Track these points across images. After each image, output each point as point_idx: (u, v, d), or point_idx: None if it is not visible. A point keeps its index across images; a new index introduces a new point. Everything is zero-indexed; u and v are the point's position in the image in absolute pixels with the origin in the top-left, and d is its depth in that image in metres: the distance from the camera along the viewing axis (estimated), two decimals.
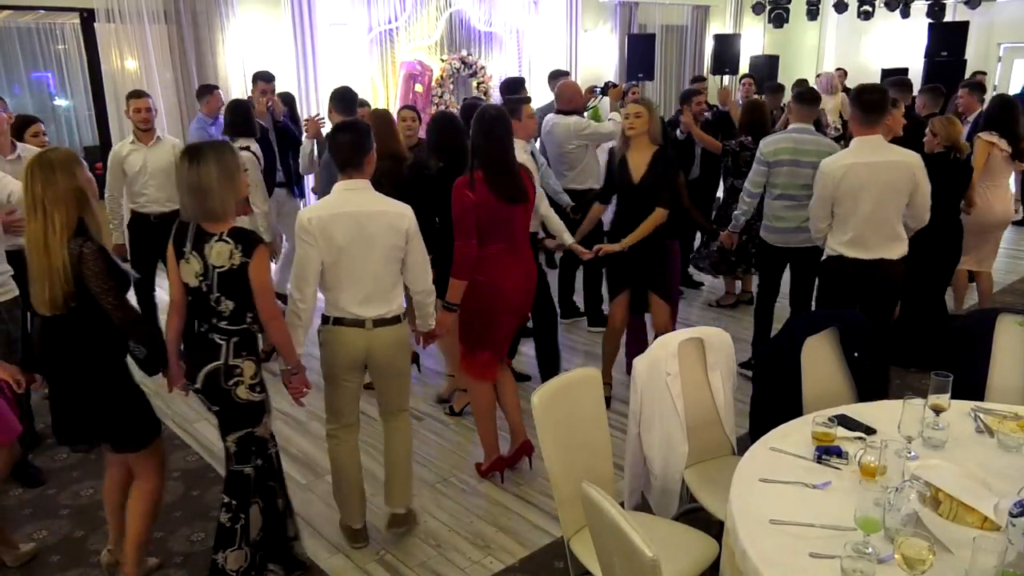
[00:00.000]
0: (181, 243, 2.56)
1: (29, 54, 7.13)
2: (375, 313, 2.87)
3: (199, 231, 2.54)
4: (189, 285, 2.57)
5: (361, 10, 8.35)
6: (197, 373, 2.60)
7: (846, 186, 3.52)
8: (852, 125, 3.60)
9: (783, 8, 11.76)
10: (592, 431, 2.55)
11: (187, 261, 2.54)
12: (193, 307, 2.61)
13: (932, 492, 1.99)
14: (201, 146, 2.57)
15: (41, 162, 2.46)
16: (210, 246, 2.51)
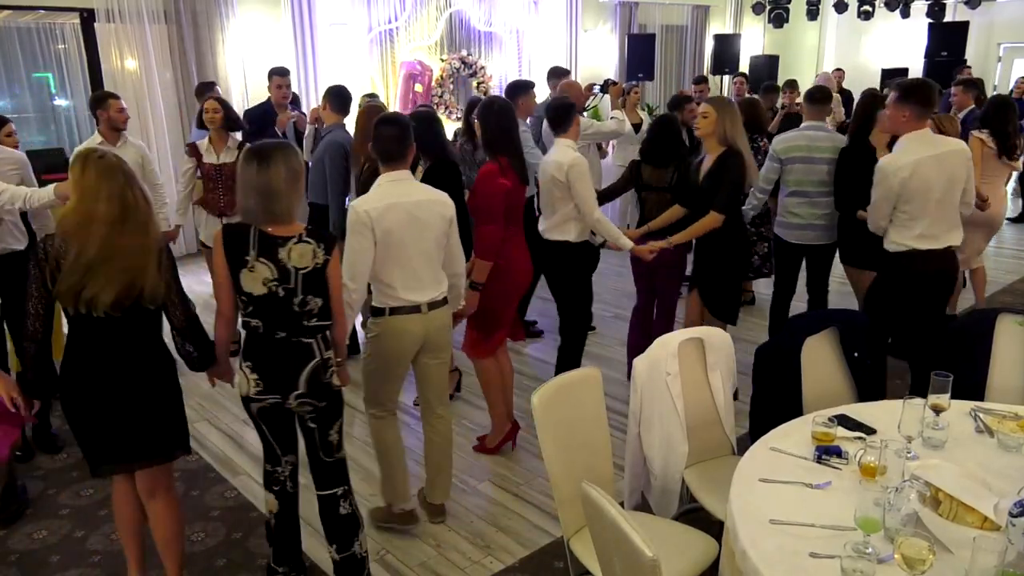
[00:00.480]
0: (241, 252, 2.40)
1: (29, 54, 7.13)
2: (428, 297, 2.99)
3: (264, 237, 2.41)
4: (253, 294, 2.42)
5: (361, 10, 8.35)
6: (296, 379, 2.50)
7: (916, 183, 3.45)
8: (904, 123, 3.52)
9: (783, 8, 11.77)
10: (592, 431, 2.55)
11: (251, 269, 2.40)
12: (266, 314, 2.45)
13: (932, 492, 1.99)
14: (268, 147, 2.45)
15: (121, 167, 2.41)
16: (287, 249, 2.42)
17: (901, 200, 3.52)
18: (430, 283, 3.01)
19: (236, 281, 2.43)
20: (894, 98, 3.52)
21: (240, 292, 2.44)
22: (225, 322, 2.55)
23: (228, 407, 4.41)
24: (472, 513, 3.36)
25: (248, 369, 2.51)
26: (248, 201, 2.43)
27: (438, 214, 2.96)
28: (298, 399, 2.53)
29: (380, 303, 2.96)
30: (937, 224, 3.54)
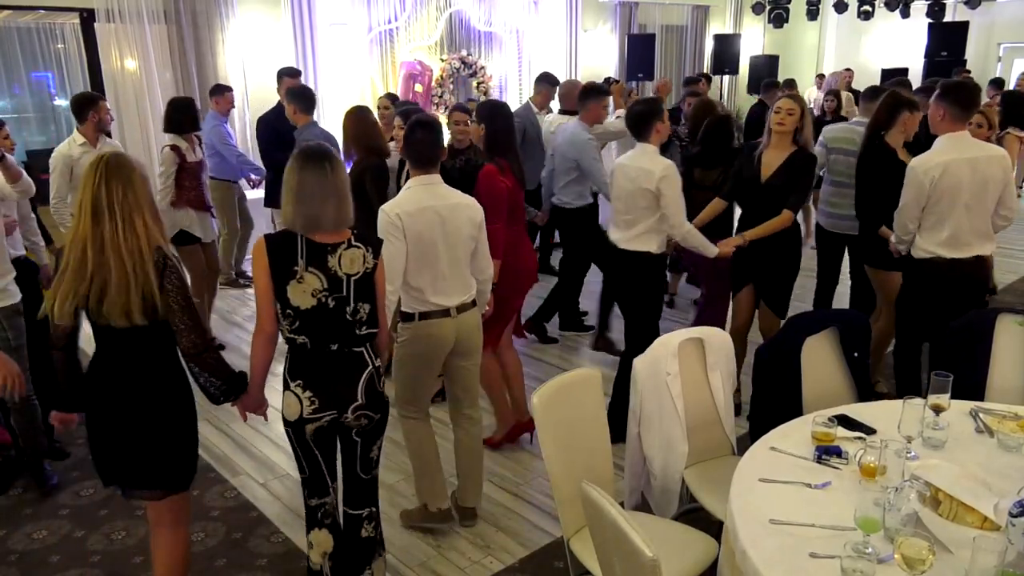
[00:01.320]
0: (288, 262, 2.27)
1: (29, 54, 7.13)
2: (458, 300, 2.99)
3: (312, 245, 2.30)
4: (300, 308, 2.29)
5: (361, 10, 8.35)
6: (354, 391, 2.39)
7: (945, 184, 3.42)
8: (940, 123, 3.50)
9: (783, 8, 11.78)
10: (592, 431, 2.55)
11: (299, 280, 2.27)
12: (314, 328, 2.33)
13: (932, 492, 1.99)
14: (321, 150, 2.35)
15: (116, 163, 2.21)
16: (336, 256, 2.31)
17: (930, 201, 3.48)
18: (459, 287, 2.99)
19: (281, 295, 2.29)
20: (935, 95, 3.51)
21: (285, 307, 2.30)
22: (266, 339, 2.36)
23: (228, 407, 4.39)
24: None
25: (299, 388, 2.36)
26: (294, 207, 2.28)
27: (467, 218, 2.94)
28: (356, 412, 2.40)
29: (410, 308, 2.93)
30: (965, 231, 3.47)
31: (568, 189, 4.96)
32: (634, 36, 10.62)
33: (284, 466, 3.77)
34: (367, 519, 2.61)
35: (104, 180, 2.17)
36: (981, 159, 3.42)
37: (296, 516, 3.34)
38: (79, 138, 4.48)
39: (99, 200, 2.17)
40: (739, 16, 12.26)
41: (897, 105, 3.99)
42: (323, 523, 2.54)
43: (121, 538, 3.22)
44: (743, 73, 11.96)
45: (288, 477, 3.66)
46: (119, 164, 2.21)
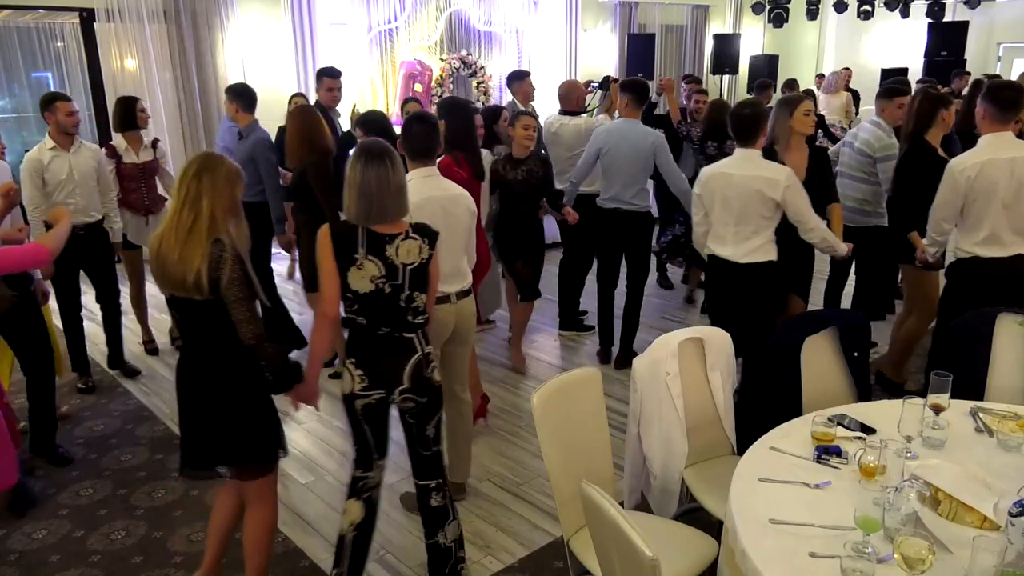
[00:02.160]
0: (351, 251, 2.41)
1: (29, 54, 7.12)
2: (457, 287, 3.15)
3: (372, 235, 2.43)
4: (360, 292, 2.44)
5: (361, 10, 8.35)
6: (400, 375, 2.51)
7: (980, 184, 3.43)
8: (982, 122, 3.53)
9: (783, 8, 11.77)
10: (592, 431, 2.55)
11: (359, 267, 2.42)
12: (371, 311, 2.47)
13: (932, 492, 1.99)
14: (379, 146, 2.48)
15: (204, 159, 2.41)
16: (394, 246, 2.45)
17: (967, 201, 3.49)
18: (458, 274, 3.15)
19: (343, 279, 2.43)
20: (980, 93, 3.55)
21: (346, 290, 2.45)
22: (328, 323, 2.50)
23: None
24: (472, 513, 3.36)
25: (352, 366, 2.51)
26: (357, 200, 2.42)
27: (465, 207, 3.14)
28: (402, 394, 2.53)
29: None
30: (1004, 230, 3.47)
31: (642, 192, 4.74)
32: (634, 36, 10.61)
33: (284, 466, 3.75)
34: (435, 490, 2.73)
35: (186, 167, 2.39)
36: (1019, 159, 3.42)
37: (296, 516, 3.35)
38: (49, 142, 4.29)
39: (178, 185, 2.38)
40: (739, 16, 12.26)
41: (935, 104, 4.01)
42: (360, 495, 2.65)
43: (121, 538, 3.22)
44: (743, 73, 11.95)
45: (288, 477, 3.66)
46: (206, 156, 2.44)
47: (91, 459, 3.84)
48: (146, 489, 3.58)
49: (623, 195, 4.65)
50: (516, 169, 4.39)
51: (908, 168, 4.04)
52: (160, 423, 4.23)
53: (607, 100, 6.28)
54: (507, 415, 4.28)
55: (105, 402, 4.50)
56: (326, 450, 3.93)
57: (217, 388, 2.45)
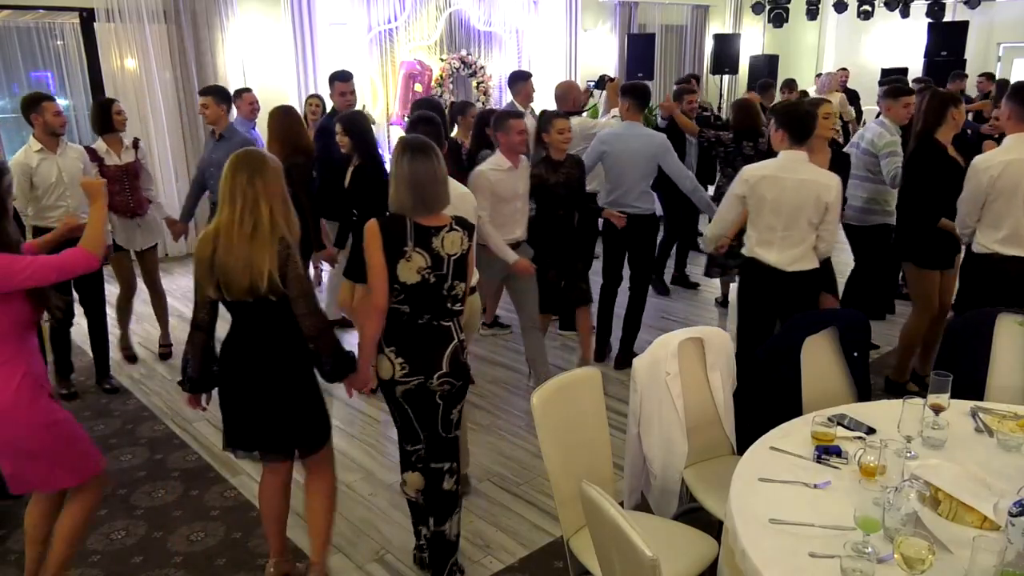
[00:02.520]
0: (400, 243, 2.50)
1: (29, 54, 7.12)
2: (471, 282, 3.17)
3: (419, 227, 2.53)
4: (407, 283, 2.53)
5: (361, 10, 8.35)
6: (440, 360, 2.61)
7: (1002, 183, 3.46)
8: (1007, 122, 3.56)
9: (783, 8, 11.77)
10: (592, 431, 2.56)
11: (408, 259, 2.51)
12: (415, 300, 2.57)
13: (932, 492, 1.99)
14: (422, 140, 2.60)
15: (245, 156, 2.47)
16: (440, 238, 2.55)
17: (988, 199, 3.52)
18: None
19: (391, 271, 2.51)
20: (1006, 94, 3.57)
21: (393, 281, 2.53)
22: (380, 314, 2.57)
23: None
24: (472, 513, 3.36)
25: (392, 353, 2.59)
26: (406, 194, 2.51)
27: (471, 204, 3.25)
28: (440, 379, 2.62)
29: None
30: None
31: (646, 195, 4.74)
32: (634, 36, 10.61)
33: None
34: (448, 472, 2.78)
35: (233, 171, 2.43)
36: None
37: (296, 516, 3.34)
38: (35, 144, 4.28)
39: (229, 190, 2.43)
40: (739, 16, 12.26)
41: (945, 103, 4.01)
42: (415, 466, 2.83)
43: (121, 538, 3.22)
44: (743, 73, 11.95)
45: None
46: (248, 157, 2.47)
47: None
48: (146, 489, 3.58)
49: (626, 198, 4.64)
50: (556, 172, 4.29)
51: (917, 167, 4.05)
52: (160, 423, 4.23)
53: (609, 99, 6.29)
54: (507, 415, 4.27)
55: (105, 402, 4.50)
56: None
57: (289, 380, 2.57)
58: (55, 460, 2.52)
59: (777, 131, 3.48)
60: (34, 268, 2.35)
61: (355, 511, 3.39)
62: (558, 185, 4.29)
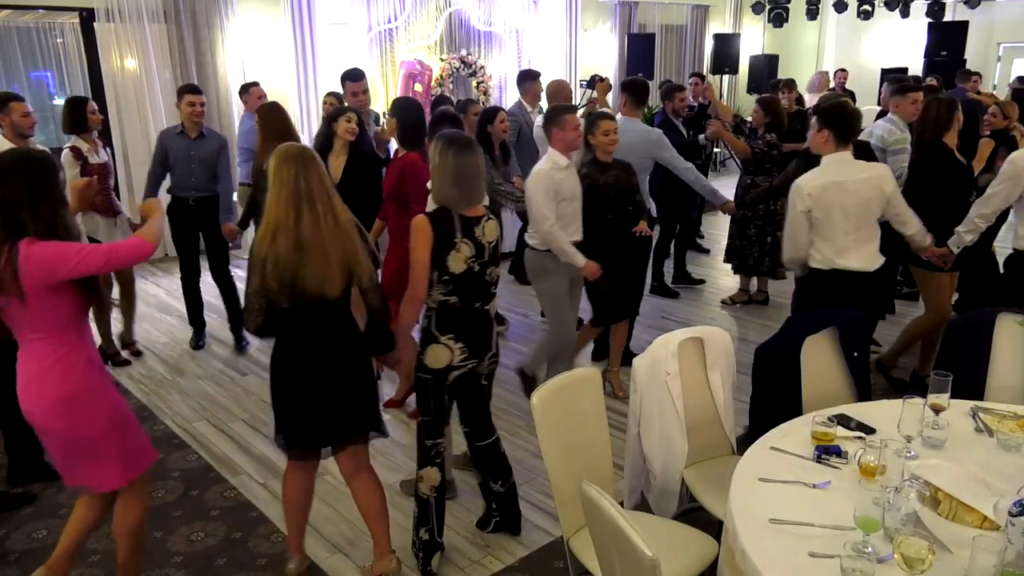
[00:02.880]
0: (450, 235, 2.63)
1: (29, 53, 7.13)
2: None
3: (464, 219, 2.66)
4: (455, 272, 2.66)
5: (361, 9, 8.35)
6: (490, 342, 2.84)
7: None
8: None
9: (783, 8, 11.77)
10: (592, 431, 2.56)
11: (458, 250, 2.64)
12: (464, 289, 2.71)
13: (932, 492, 1.99)
14: (462, 136, 2.76)
15: (308, 156, 2.49)
16: (481, 227, 2.71)
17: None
18: None
19: (441, 263, 2.64)
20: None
21: (443, 273, 2.66)
22: (419, 304, 2.73)
23: (228, 407, 4.41)
24: (472, 513, 3.35)
25: (451, 340, 2.72)
26: (452, 187, 2.64)
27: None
28: (490, 359, 2.86)
29: None
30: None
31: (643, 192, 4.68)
32: (634, 36, 10.61)
33: (284, 466, 3.76)
34: (498, 440, 3.07)
35: (303, 173, 2.44)
36: None
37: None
38: (4, 143, 4.11)
39: (298, 191, 2.42)
40: (739, 16, 12.26)
41: (952, 109, 4.04)
42: (434, 461, 2.89)
43: None
44: (743, 73, 11.96)
45: None
46: (311, 157, 2.49)
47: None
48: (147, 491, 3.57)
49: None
50: (605, 173, 4.12)
51: (925, 171, 4.05)
52: (160, 423, 4.23)
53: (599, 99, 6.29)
54: (507, 415, 4.27)
55: None
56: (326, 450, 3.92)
57: (357, 372, 2.64)
58: (112, 451, 2.51)
59: (821, 132, 3.40)
60: (83, 256, 2.35)
61: (355, 511, 3.38)
62: (607, 187, 4.11)
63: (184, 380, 4.78)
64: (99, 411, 2.46)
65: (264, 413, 4.33)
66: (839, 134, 3.37)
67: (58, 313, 2.36)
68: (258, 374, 4.87)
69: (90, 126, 4.68)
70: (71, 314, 2.41)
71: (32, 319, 2.34)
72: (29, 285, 2.27)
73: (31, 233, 2.29)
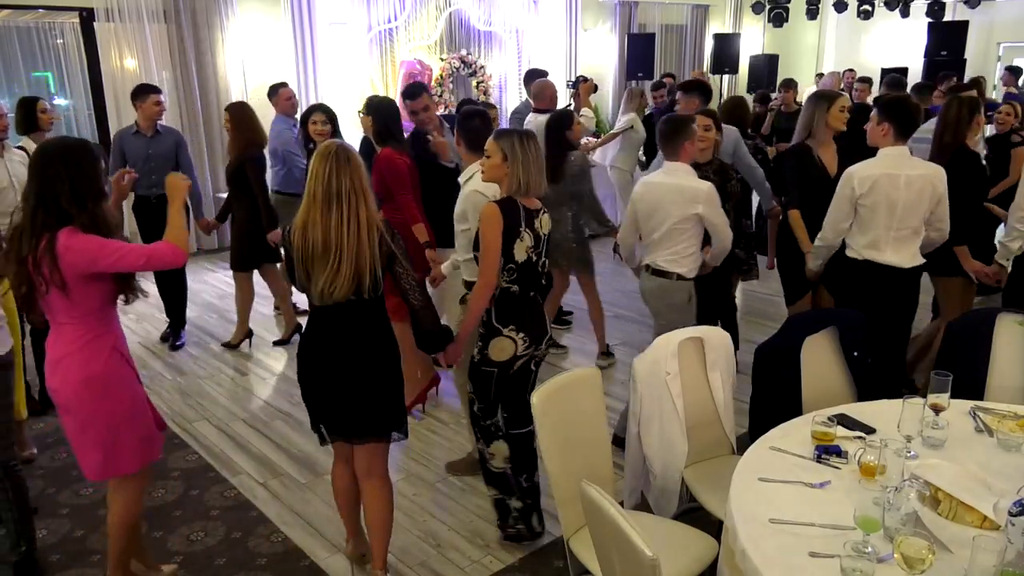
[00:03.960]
0: (516, 224, 2.73)
1: (29, 53, 7.13)
2: None
3: (526, 210, 2.76)
4: (519, 261, 2.76)
5: (361, 9, 8.36)
6: (546, 328, 2.94)
7: None
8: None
9: (783, 7, 11.77)
10: (592, 431, 2.55)
11: (521, 239, 2.75)
12: (524, 278, 2.82)
13: (932, 491, 1.99)
14: (529, 130, 2.85)
15: (345, 154, 2.46)
16: (539, 219, 2.81)
17: None
18: None
19: (508, 251, 2.73)
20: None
21: (508, 261, 2.74)
22: (490, 291, 2.78)
23: (228, 407, 4.41)
24: (472, 513, 3.36)
25: (513, 332, 2.81)
26: (521, 178, 2.72)
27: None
28: (547, 344, 2.96)
29: (472, 276, 3.12)
30: None
31: None
32: (634, 35, 10.62)
33: (284, 466, 3.77)
34: (533, 432, 2.89)
35: (337, 172, 2.43)
36: None
37: (296, 516, 3.35)
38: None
39: (330, 190, 2.42)
40: (739, 15, 12.26)
41: (972, 110, 3.95)
42: (498, 436, 2.98)
43: None
44: (743, 72, 11.96)
45: (287, 476, 3.66)
46: (348, 154, 2.47)
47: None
48: (146, 489, 3.57)
49: None
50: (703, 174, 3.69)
51: (957, 178, 3.70)
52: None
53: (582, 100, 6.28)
54: None
55: None
56: (326, 450, 3.93)
57: (380, 372, 2.63)
58: (128, 436, 2.56)
59: (881, 124, 3.34)
60: (122, 254, 2.40)
61: None
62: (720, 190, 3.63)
63: (184, 380, 4.78)
64: (117, 398, 2.51)
65: (264, 413, 4.33)
66: (900, 128, 3.32)
67: (89, 301, 2.43)
68: (258, 374, 4.87)
69: (41, 126, 4.57)
70: (101, 302, 2.47)
71: (65, 304, 2.40)
72: (66, 273, 2.33)
73: (75, 223, 2.34)
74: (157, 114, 4.99)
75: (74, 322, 2.44)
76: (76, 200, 2.34)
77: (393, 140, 4.09)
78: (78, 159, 2.37)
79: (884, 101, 3.50)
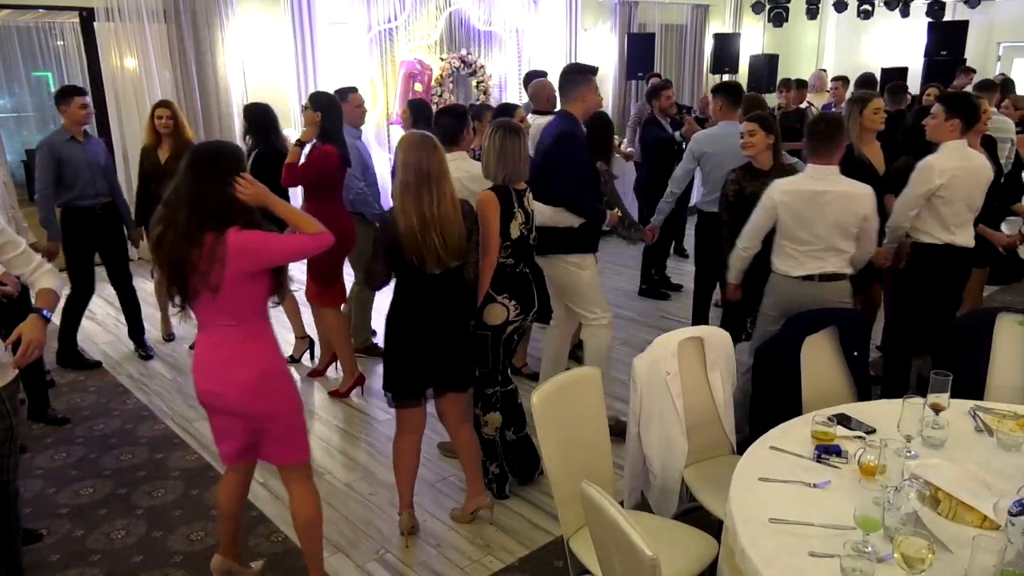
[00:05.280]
0: (511, 205, 3.08)
1: (29, 53, 7.13)
2: None
3: (517, 192, 3.12)
4: (513, 238, 3.10)
5: (361, 9, 8.35)
6: (534, 298, 3.24)
7: None
8: None
9: (783, 7, 11.76)
10: (592, 431, 2.56)
11: (515, 218, 3.09)
12: (517, 252, 3.15)
13: (932, 491, 1.99)
14: (516, 123, 3.18)
15: (432, 142, 2.80)
16: (526, 199, 3.19)
17: None
18: None
19: (505, 230, 3.05)
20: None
21: (505, 238, 3.07)
22: (493, 269, 3.09)
23: None
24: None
25: (506, 299, 3.14)
26: (508, 166, 3.07)
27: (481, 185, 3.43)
28: (533, 314, 3.27)
29: None
30: None
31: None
32: (634, 35, 10.61)
33: None
34: (515, 389, 3.42)
35: (427, 158, 2.76)
36: None
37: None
38: None
39: (422, 175, 2.75)
40: (739, 15, 12.25)
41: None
42: (496, 407, 3.30)
43: (121, 538, 3.22)
44: (743, 72, 11.95)
45: None
46: (434, 144, 2.81)
47: (91, 459, 3.84)
48: (146, 489, 3.58)
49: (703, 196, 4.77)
50: (756, 181, 3.69)
51: None
52: (160, 422, 4.23)
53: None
54: None
55: (105, 402, 4.50)
56: (326, 449, 3.93)
57: (462, 330, 3.01)
58: (300, 425, 2.66)
59: (951, 120, 3.50)
60: (284, 243, 2.48)
61: (355, 511, 3.40)
62: (754, 197, 3.53)
63: (184, 380, 4.77)
64: (289, 389, 2.59)
65: None
66: (968, 123, 3.52)
67: (252, 300, 2.45)
68: None
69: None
70: (263, 300, 2.50)
71: (225, 307, 2.40)
72: (233, 273, 2.33)
73: (237, 223, 2.36)
74: (84, 118, 4.58)
75: (237, 324, 2.44)
76: (237, 201, 2.38)
77: (334, 139, 4.18)
78: (232, 163, 2.43)
79: (950, 98, 3.62)
